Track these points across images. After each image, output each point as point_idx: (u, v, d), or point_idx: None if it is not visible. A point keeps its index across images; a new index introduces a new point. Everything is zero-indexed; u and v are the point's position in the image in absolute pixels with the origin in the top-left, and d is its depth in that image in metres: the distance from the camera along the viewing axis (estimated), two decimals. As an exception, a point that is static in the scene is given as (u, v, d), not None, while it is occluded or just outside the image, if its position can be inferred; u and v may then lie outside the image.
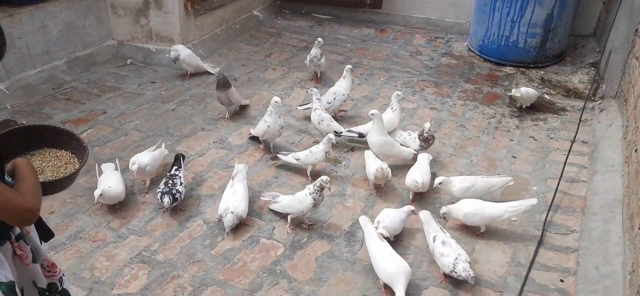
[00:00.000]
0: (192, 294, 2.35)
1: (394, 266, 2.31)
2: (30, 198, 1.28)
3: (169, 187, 2.78)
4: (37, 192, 1.32)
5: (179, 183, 2.82)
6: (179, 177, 2.87)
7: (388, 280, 2.31)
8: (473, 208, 2.70)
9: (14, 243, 1.39)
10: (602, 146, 3.50)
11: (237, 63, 4.81)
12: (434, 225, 2.57)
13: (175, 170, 2.92)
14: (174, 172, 2.90)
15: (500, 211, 2.71)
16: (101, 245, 2.61)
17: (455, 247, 2.45)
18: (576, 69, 4.83)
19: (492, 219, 2.72)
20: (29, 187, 1.30)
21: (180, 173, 2.91)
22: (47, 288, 1.50)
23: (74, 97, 4.02)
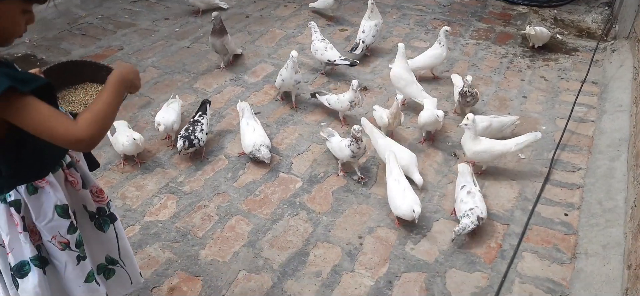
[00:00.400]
0: (219, 222, 2.51)
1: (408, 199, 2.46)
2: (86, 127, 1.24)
3: (188, 132, 2.79)
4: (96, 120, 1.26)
5: (199, 129, 2.82)
6: (200, 124, 2.85)
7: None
8: (483, 146, 2.80)
9: (66, 170, 1.50)
10: (611, 87, 3.57)
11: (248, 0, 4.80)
12: (468, 178, 2.62)
13: (199, 116, 2.92)
14: (197, 118, 2.89)
15: (507, 147, 2.81)
16: (130, 176, 2.75)
17: (479, 202, 2.47)
18: (590, 9, 4.80)
19: (501, 155, 2.82)
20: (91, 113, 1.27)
21: (204, 120, 2.89)
22: (96, 212, 1.62)
23: (89, 32, 4.06)
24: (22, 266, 1.46)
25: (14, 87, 1.15)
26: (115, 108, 1.31)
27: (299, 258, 2.35)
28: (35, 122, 1.19)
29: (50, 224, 1.45)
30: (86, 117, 1.26)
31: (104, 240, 1.66)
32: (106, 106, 1.29)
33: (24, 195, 1.39)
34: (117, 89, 1.33)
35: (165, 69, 3.66)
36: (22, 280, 1.46)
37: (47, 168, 1.43)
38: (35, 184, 1.40)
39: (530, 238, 2.48)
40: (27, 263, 1.46)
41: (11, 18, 1.21)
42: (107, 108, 1.28)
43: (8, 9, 1.19)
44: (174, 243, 2.39)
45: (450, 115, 3.31)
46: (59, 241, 1.47)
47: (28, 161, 1.36)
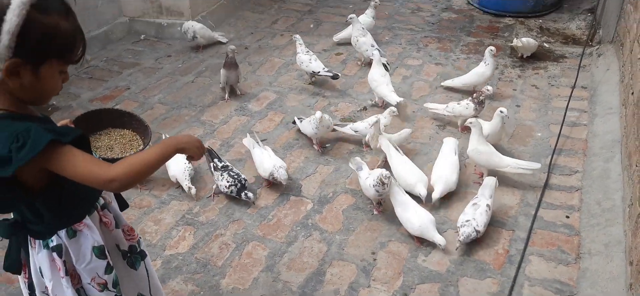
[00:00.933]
0: (236, 250, 2.61)
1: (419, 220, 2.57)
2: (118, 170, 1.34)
3: (233, 179, 2.81)
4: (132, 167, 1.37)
5: (235, 170, 2.89)
6: (228, 167, 2.90)
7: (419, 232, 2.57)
8: (485, 149, 2.93)
9: (100, 212, 1.60)
10: (600, 90, 3.72)
11: (246, 31, 4.96)
12: (486, 191, 2.67)
13: (219, 161, 2.94)
14: (223, 163, 2.93)
15: (504, 162, 2.92)
16: (147, 211, 2.85)
17: (478, 217, 2.55)
18: (573, 16, 4.99)
19: (496, 165, 2.93)
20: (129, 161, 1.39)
21: (227, 162, 2.96)
22: (128, 250, 1.70)
23: (96, 75, 4.19)
24: None
25: (56, 139, 1.27)
26: (153, 165, 1.41)
27: (317, 277, 2.45)
28: (75, 168, 1.31)
29: (89, 266, 1.53)
30: (125, 162, 1.38)
31: (136, 278, 1.74)
32: (145, 160, 1.40)
33: (64, 239, 1.49)
34: (163, 151, 1.43)
35: (172, 105, 3.79)
36: None
37: (84, 211, 1.53)
38: (74, 227, 1.50)
39: (535, 242, 2.59)
40: None
41: (50, 79, 1.32)
42: (146, 162, 1.39)
43: (48, 71, 1.30)
44: (196, 274, 2.48)
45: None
46: (97, 283, 1.55)
47: (67, 205, 1.46)
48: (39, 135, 1.24)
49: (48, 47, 1.27)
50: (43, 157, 1.26)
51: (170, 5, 4.75)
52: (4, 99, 1.30)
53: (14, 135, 1.23)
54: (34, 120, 1.33)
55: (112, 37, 4.71)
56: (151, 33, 4.84)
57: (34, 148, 1.23)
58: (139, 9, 4.83)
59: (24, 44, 1.22)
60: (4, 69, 1.22)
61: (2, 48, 1.19)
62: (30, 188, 1.37)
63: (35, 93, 1.33)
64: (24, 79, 1.27)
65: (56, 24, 1.26)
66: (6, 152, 1.22)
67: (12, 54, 1.21)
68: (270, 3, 5.59)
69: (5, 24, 1.18)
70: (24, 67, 1.25)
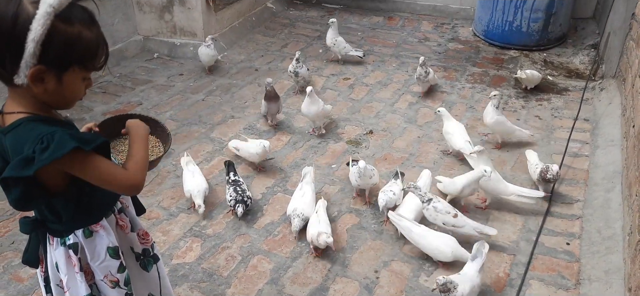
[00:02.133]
0: (242, 262, 2.66)
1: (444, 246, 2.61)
2: (136, 174, 1.48)
3: (239, 194, 2.87)
4: (142, 165, 1.52)
5: (245, 187, 2.94)
6: (240, 183, 2.96)
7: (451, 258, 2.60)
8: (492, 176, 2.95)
9: (117, 215, 1.66)
10: (602, 123, 3.80)
11: (256, 54, 5.08)
12: None
13: (234, 175, 3.02)
14: (235, 178, 2.99)
15: (509, 190, 2.98)
16: (156, 222, 2.91)
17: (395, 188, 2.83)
18: (577, 51, 5.10)
19: (501, 193, 2.99)
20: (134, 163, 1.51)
21: (240, 178, 3.01)
22: (141, 253, 1.76)
23: (109, 90, 4.30)
24: None
25: (79, 147, 1.33)
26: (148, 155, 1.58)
27: (320, 293, 2.49)
28: (96, 174, 1.40)
29: (103, 264, 1.59)
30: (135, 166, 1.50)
31: (148, 279, 1.80)
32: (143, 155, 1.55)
33: (81, 238, 1.55)
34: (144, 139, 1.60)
35: (182, 121, 3.88)
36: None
37: (101, 214, 1.60)
38: (91, 228, 1.56)
39: (536, 267, 2.63)
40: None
41: (74, 85, 1.38)
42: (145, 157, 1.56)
43: (71, 78, 1.36)
44: (202, 283, 2.53)
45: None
46: (110, 280, 1.61)
47: (85, 208, 1.53)
48: (63, 139, 1.30)
49: (71, 55, 1.32)
50: (65, 162, 1.33)
51: (183, 25, 4.89)
52: (29, 103, 1.37)
53: (39, 137, 1.30)
54: (58, 124, 1.40)
55: (127, 54, 4.84)
56: (164, 52, 4.97)
57: (57, 151, 1.29)
58: (154, 28, 4.97)
59: (48, 52, 1.27)
60: (29, 75, 1.28)
61: (28, 56, 1.25)
62: (51, 190, 1.43)
63: (59, 99, 1.39)
64: (48, 85, 1.33)
65: (79, 33, 1.32)
66: (30, 153, 1.29)
67: (36, 61, 1.27)
68: (281, 28, 5.74)
69: (31, 33, 1.23)
70: (48, 74, 1.31)
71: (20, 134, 1.34)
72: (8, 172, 1.31)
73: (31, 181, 1.33)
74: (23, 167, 1.29)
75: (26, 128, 1.34)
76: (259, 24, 5.72)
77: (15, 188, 1.35)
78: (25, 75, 1.28)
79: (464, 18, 5.94)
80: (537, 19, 5.00)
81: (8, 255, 2.67)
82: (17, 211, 2.89)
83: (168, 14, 4.87)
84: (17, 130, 1.35)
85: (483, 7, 5.32)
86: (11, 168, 1.31)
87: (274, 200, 3.12)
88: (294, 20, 5.93)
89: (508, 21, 5.10)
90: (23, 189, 1.35)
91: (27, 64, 1.27)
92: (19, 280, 2.53)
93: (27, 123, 1.35)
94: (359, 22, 5.93)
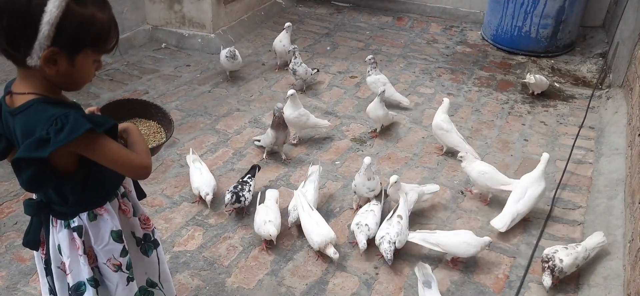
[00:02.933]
0: (243, 252, 2.68)
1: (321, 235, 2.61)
2: (146, 157, 1.53)
3: (237, 189, 2.86)
4: (147, 150, 1.57)
5: (247, 189, 2.89)
6: (249, 185, 2.93)
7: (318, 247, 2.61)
8: (485, 168, 3.05)
9: (120, 199, 1.68)
10: (607, 131, 3.79)
11: (264, 48, 5.09)
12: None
13: (248, 177, 3.00)
14: (247, 179, 2.97)
15: (506, 181, 3.05)
16: (159, 209, 2.93)
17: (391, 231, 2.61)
18: (585, 59, 5.09)
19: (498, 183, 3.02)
20: (142, 148, 1.56)
21: (252, 182, 2.97)
22: (142, 238, 1.77)
23: (116, 77, 4.33)
24: (79, 286, 1.61)
25: (93, 128, 1.35)
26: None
27: (319, 286, 2.50)
28: (109, 156, 1.42)
29: (106, 248, 1.61)
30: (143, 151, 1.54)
31: (147, 264, 1.81)
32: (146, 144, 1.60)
33: (85, 221, 1.56)
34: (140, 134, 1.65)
35: (188, 112, 3.90)
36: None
37: (106, 197, 1.62)
38: (95, 211, 1.58)
39: (535, 271, 2.64)
40: (84, 283, 1.61)
41: (85, 67, 1.40)
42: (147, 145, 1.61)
43: (83, 60, 1.37)
44: (202, 271, 2.55)
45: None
46: (112, 264, 1.63)
47: (91, 191, 1.55)
48: (77, 121, 1.32)
49: (84, 37, 1.34)
50: (79, 143, 1.34)
51: (193, 16, 4.91)
52: (40, 84, 1.38)
53: (53, 118, 1.31)
54: (67, 106, 1.41)
55: (135, 43, 4.86)
56: (172, 42, 4.99)
57: (72, 133, 1.30)
58: (163, 18, 4.99)
59: (62, 34, 1.28)
60: (43, 57, 1.29)
61: (42, 37, 1.26)
62: (60, 172, 1.45)
63: (70, 80, 1.41)
64: (61, 67, 1.34)
65: (92, 15, 1.33)
66: (45, 134, 1.30)
67: (50, 43, 1.28)
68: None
69: (46, 15, 1.25)
70: (61, 56, 1.32)
71: (32, 115, 1.35)
72: (21, 153, 1.32)
73: (44, 163, 1.34)
74: (37, 148, 1.30)
75: (38, 110, 1.35)
76: (268, 19, 5.74)
77: (28, 169, 1.35)
78: (39, 56, 1.29)
79: (473, 22, 5.93)
80: (546, 26, 4.99)
81: (11, 235, 2.69)
82: (22, 192, 2.93)
83: (177, 4, 4.89)
84: (28, 111, 1.36)
85: (493, 12, 5.32)
86: (24, 149, 1.32)
87: (276, 193, 3.13)
88: (303, 17, 5.94)
89: (517, 26, 5.09)
90: (35, 171, 1.36)
91: (41, 46, 1.28)
92: (21, 260, 2.55)
93: (38, 105, 1.36)
94: (367, 21, 5.93)
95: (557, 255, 2.47)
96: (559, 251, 2.50)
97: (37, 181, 1.40)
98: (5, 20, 1.28)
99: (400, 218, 2.68)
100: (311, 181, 2.98)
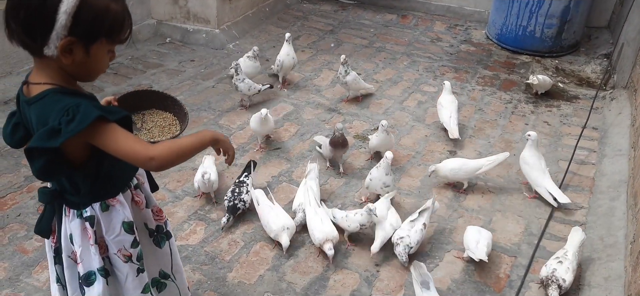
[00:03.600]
0: (244, 247, 2.69)
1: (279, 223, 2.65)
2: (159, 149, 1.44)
3: (234, 196, 2.78)
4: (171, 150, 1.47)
5: (245, 191, 2.81)
6: (246, 185, 2.86)
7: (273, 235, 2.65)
8: (457, 164, 3.13)
9: (133, 191, 1.69)
10: (611, 132, 3.78)
11: (268, 45, 5.10)
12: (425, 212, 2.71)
13: (245, 176, 2.94)
14: (243, 178, 2.91)
15: (479, 164, 3.13)
16: (161, 204, 2.94)
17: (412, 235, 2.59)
18: (589, 60, 5.07)
19: (473, 171, 3.11)
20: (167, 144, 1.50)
21: (249, 181, 2.89)
22: (155, 229, 1.79)
23: (121, 71, 4.34)
24: (89, 275, 1.63)
25: (103, 116, 1.36)
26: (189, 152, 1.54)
27: (320, 282, 2.51)
28: (118, 144, 1.41)
29: (117, 238, 1.62)
30: (165, 144, 1.48)
31: (159, 255, 1.83)
32: (183, 146, 1.52)
33: (98, 211, 1.58)
34: (201, 140, 1.58)
35: (191, 107, 3.91)
36: (88, 288, 1.63)
37: (118, 188, 1.63)
38: (108, 202, 1.59)
39: (536, 270, 2.63)
40: (94, 273, 1.63)
41: (100, 57, 1.42)
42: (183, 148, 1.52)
43: (97, 50, 1.40)
44: (204, 265, 2.56)
45: (460, 154, 3.52)
46: (123, 254, 1.64)
47: (104, 182, 1.56)
48: (88, 110, 1.34)
49: (99, 27, 1.37)
50: (89, 132, 1.35)
51: (197, 12, 4.92)
52: (55, 74, 1.40)
53: (65, 108, 1.33)
54: (82, 96, 1.43)
55: (139, 37, 4.88)
56: (177, 37, 5.00)
57: (82, 122, 1.32)
58: (168, 13, 5.00)
59: (78, 24, 1.32)
60: (60, 47, 1.32)
61: (59, 27, 1.30)
62: (73, 162, 1.46)
63: (85, 70, 1.43)
64: (76, 57, 1.37)
65: (107, 5, 1.36)
66: (56, 124, 1.32)
67: (67, 33, 1.32)
68: (294, 20, 5.75)
69: (63, 4, 1.29)
70: (77, 45, 1.35)
71: (46, 105, 1.37)
72: (34, 142, 1.35)
73: (56, 152, 1.36)
74: (49, 138, 1.32)
75: (52, 100, 1.37)
76: (272, 15, 5.74)
77: (40, 159, 1.37)
78: (56, 46, 1.32)
79: (477, 20, 5.92)
80: (551, 25, 4.98)
81: (14, 227, 2.71)
82: (25, 184, 2.95)
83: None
84: (43, 101, 1.38)
85: (497, 11, 5.30)
86: (37, 139, 1.34)
87: (279, 189, 3.14)
88: (307, 13, 5.94)
89: (522, 26, 5.08)
90: (47, 160, 1.38)
91: (58, 36, 1.31)
92: (24, 252, 2.57)
93: (53, 95, 1.38)
94: (372, 18, 5.93)
95: (558, 275, 2.43)
96: (557, 269, 2.45)
97: (49, 170, 1.42)
98: (22, 11, 1.31)
99: (424, 226, 2.66)
100: (311, 178, 2.99)
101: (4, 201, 2.87)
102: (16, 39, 1.36)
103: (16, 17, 1.32)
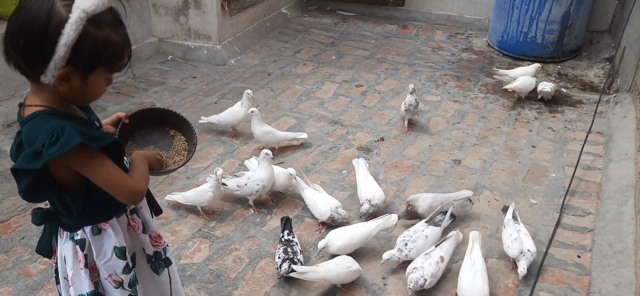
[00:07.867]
0: (249, 264, 2.67)
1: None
2: (140, 182, 1.51)
3: (289, 254, 2.55)
4: (145, 177, 1.55)
5: (297, 249, 2.61)
6: (293, 242, 2.66)
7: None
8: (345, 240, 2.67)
9: (129, 216, 1.66)
10: (616, 136, 3.75)
11: (270, 59, 5.11)
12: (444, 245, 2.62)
13: (288, 234, 2.71)
14: (289, 237, 2.68)
15: (367, 230, 2.72)
16: (165, 222, 2.93)
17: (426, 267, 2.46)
18: (592, 64, 5.05)
19: (364, 240, 2.71)
20: (140, 173, 1.54)
21: (295, 239, 2.69)
22: (153, 255, 1.76)
23: (123, 90, 4.36)
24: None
25: (85, 143, 1.34)
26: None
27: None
28: (98, 174, 1.41)
29: (108, 263, 1.60)
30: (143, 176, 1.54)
31: (158, 282, 1.79)
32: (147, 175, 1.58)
33: (89, 235, 1.56)
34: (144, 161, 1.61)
35: (194, 123, 3.87)
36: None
37: (112, 213, 1.60)
38: (100, 226, 1.57)
39: (545, 279, 2.61)
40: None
41: (97, 85, 1.42)
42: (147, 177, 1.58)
43: (95, 78, 1.39)
44: (209, 284, 2.54)
45: (464, 163, 3.50)
46: (113, 280, 1.61)
47: (96, 206, 1.54)
48: (71, 135, 1.32)
49: (98, 58, 1.36)
50: (71, 157, 1.34)
51: (198, 28, 4.94)
52: (50, 97, 1.40)
53: (50, 130, 1.32)
54: (75, 120, 1.42)
55: (141, 55, 4.90)
56: (178, 54, 5.02)
57: (63, 146, 1.31)
58: (169, 30, 5.02)
59: (77, 55, 1.31)
60: (57, 76, 1.31)
61: (57, 58, 1.29)
62: (63, 184, 1.45)
63: (81, 96, 1.43)
64: (73, 84, 1.36)
65: (107, 36, 1.34)
66: (40, 146, 1.32)
67: (65, 63, 1.30)
68: (295, 33, 5.77)
69: (63, 37, 1.27)
70: (75, 74, 1.34)
71: (34, 126, 1.37)
72: (18, 164, 1.35)
73: (40, 174, 1.35)
74: (31, 159, 1.32)
75: (41, 121, 1.37)
76: (273, 29, 5.76)
77: (25, 179, 1.37)
78: (53, 75, 1.32)
79: (478, 28, 5.92)
80: (552, 31, 4.97)
81: (18, 250, 2.70)
82: (29, 207, 2.94)
83: (183, 16, 4.92)
84: (33, 121, 1.38)
85: (498, 18, 5.30)
86: (21, 160, 1.35)
87: (283, 203, 3.13)
88: (308, 27, 5.96)
89: (523, 32, 5.07)
90: (32, 181, 1.37)
91: (56, 66, 1.30)
92: (28, 275, 2.56)
93: (42, 116, 1.37)
94: (373, 30, 5.94)
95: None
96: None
97: (34, 191, 1.41)
98: (22, 40, 1.30)
99: (441, 259, 2.53)
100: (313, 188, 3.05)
101: (8, 224, 2.87)
102: (14, 64, 1.35)
103: (16, 44, 1.32)
